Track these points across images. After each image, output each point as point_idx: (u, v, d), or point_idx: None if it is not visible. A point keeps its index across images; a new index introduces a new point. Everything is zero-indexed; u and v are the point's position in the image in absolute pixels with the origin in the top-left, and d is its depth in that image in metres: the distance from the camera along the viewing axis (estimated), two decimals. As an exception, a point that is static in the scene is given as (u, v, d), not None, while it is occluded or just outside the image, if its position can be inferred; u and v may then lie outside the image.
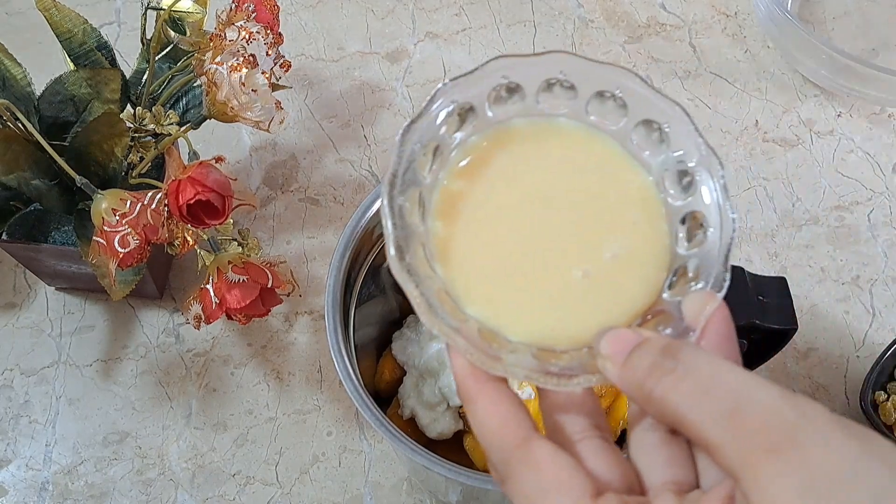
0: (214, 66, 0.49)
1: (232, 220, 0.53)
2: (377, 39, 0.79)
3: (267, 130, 0.51)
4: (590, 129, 0.30)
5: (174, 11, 0.53)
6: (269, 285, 0.52)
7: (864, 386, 0.57)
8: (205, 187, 0.48)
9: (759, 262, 0.67)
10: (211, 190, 0.48)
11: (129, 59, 0.74)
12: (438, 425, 0.53)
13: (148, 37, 0.54)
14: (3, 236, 0.55)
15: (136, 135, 0.53)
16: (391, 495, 0.57)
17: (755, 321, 0.45)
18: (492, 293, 0.27)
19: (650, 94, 0.29)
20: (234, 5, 0.51)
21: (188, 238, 0.51)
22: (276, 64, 0.52)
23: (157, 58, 0.54)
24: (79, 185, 0.48)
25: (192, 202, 0.47)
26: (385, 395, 0.57)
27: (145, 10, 0.54)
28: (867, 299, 0.65)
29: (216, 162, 0.51)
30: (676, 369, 0.23)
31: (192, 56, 0.53)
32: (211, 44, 0.49)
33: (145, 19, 0.54)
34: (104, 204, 0.47)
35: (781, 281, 0.47)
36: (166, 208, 0.49)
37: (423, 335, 0.55)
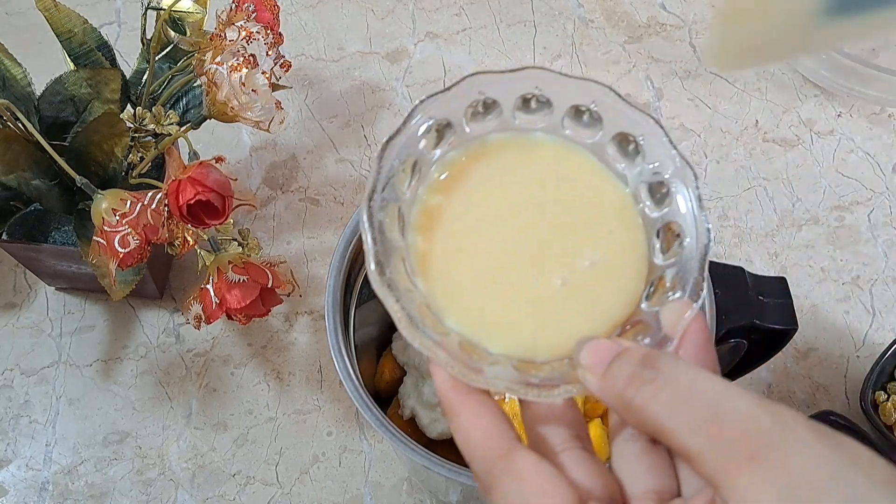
0: (214, 66, 0.49)
1: (232, 220, 0.53)
2: (377, 39, 0.79)
3: (267, 130, 0.51)
4: (566, 142, 0.31)
5: (174, 11, 0.53)
6: (270, 285, 0.52)
7: (864, 386, 0.57)
8: (205, 187, 0.48)
9: (759, 262, 0.67)
10: (211, 190, 0.48)
11: (129, 59, 0.74)
12: (439, 425, 0.53)
13: (148, 37, 0.54)
14: (3, 236, 0.55)
15: (136, 135, 0.53)
16: (391, 495, 0.57)
17: (755, 321, 0.45)
18: (472, 306, 0.28)
19: (624, 107, 0.30)
20: (234, 5, 0.51)
21: (188, 238, 0.51)
22: (276, 64, 0.52)
23: (157, 58, 0.54)
24: (79, 185, 0.48)
25: (192, 202, 0.47)
26: (385, 395, 0.57)
27: (145, 10, 0.54)
28: (867, 299, 0.65)
29: (216, 162, 0.51)
30: (656, 379, 0.23)
31: (192, 56, 0.53)
32: (211, 44, 0.49)
33: (145, 19, 0.54)
34: (104, 204, 0.47)
35: (781, 281, 0.47)
36: (166, 208, 0.49)
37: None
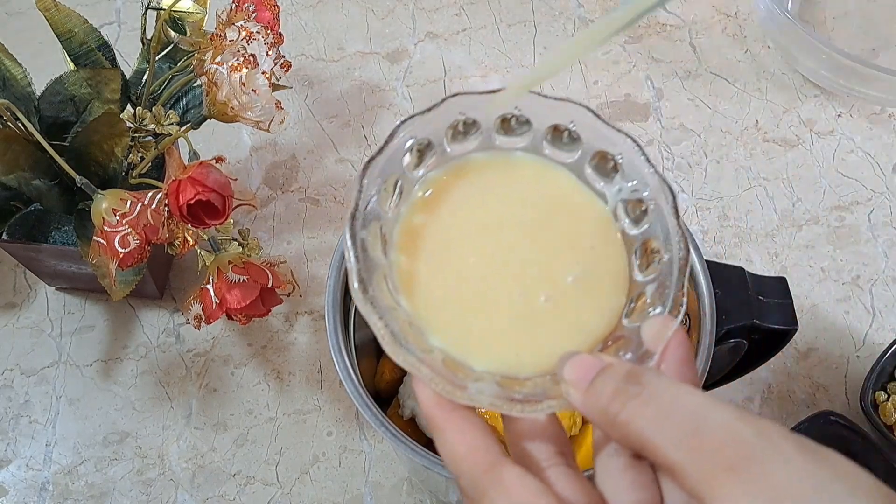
0: (214, 66, 0.49)
1: (232, 220, 0.53)
2: (377, 39, 0.79)
3: (267, 130, 0.51)
4: (546, 161, 0.31)
5: (174, 11, 0.53)
6: (270, 285, 0.52)
7: (864, 386, 0.57)
8: (205, 187, 0.48)
9: (760, 262, 0.67)
10: (211, 190, 0.48)
11: (129, 59, 0.74)
12: (438, 425, 0.53)
13: (148, 37, 0.54)
14: (4, 236, 0.55)
15: (136, 135, 0.53)
16: (391, 495, 0.57)
17: (755, 321, 0.45)
18: (455, 323, 0.28)
19: (603, 127, 0.30)
20: (234, 5, 0.51)
21: (188, 238, 0.51)
22: (276, 64, 0.52)
23: (157, 58, 0.54)
24: (79, 185, 0.48)
25: (192, 202, 0.47)
26: (385, 395, 0.57)
27: (145, 10, 0.54)
28: (867, 299, 0.65)
29: (216, 162, 0.51)
30: (640, 395, 0.24)
31: (192, 56, 0.53)
32: (211, 44, 0.49)
33: (145, 19, 0.54)
34: (104, 204, 0.47)
35: (781, 281, 0.47)
36: (166, 208, 0.49)
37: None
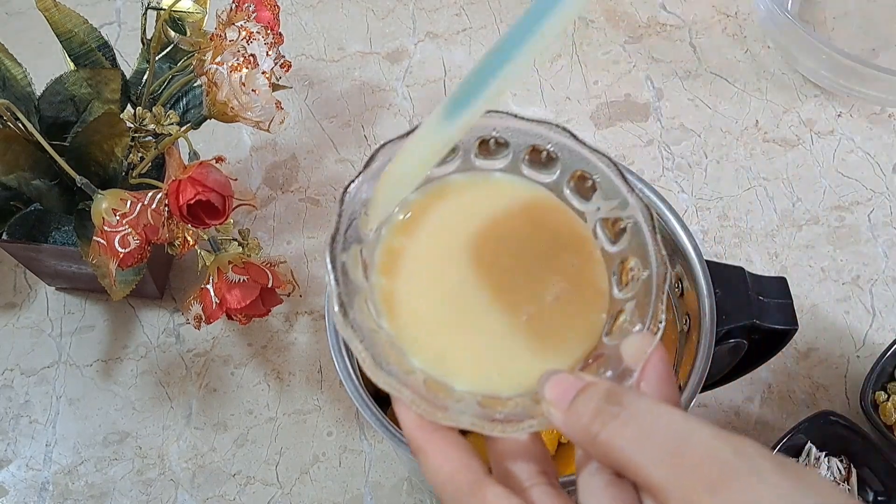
0: (214, 66, 0.49)
1: (232, 220, 0.53)
2: (377, 39, 0.79)
3: (267, 130, 0.51)
4: (525, 181, 0.32)
5: (174, 11, 0.53)
6: (270, 285, 0.52)
7: (864, 386, 0.57)
8: (205, 187, 0.48)
9: (760, 262, 0.67)
10: (211, 190, 0.48)
11: (129, 59, 0.74)
12: (438, 425, 0.53)
13: (148, 37, 0.54)
14: (4, 236, 0.55)
15: (137, 135, 0.53)
16: (391, 495, 0.57)
17: (755, 321, 0.45)
18: (436, 344, 0.28)
19: (580, 148, 0.30)
20: (234, 5, 0.51)
21: (188, 238, 0.51)
22: (276, 64, 0.52)
23: (157, 58, 0.54)
24: (79, 185, 0.48)
25: (192, 202, 0.47)
26: (385, 395, 0.57)
27: (145, 10, 0.54)
28: (867, 299, 0.65)
29: (216, 162, 0.51)
30: (620, 415, 0.24)
31: (192, 56, 0.53)
32: (211, 44, 0.49)
33: (145, 19, 0.54)
34: (104, 204, 0.47)
35: (781, 281, 0.47)
36: (166, 208, 0.49)
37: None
